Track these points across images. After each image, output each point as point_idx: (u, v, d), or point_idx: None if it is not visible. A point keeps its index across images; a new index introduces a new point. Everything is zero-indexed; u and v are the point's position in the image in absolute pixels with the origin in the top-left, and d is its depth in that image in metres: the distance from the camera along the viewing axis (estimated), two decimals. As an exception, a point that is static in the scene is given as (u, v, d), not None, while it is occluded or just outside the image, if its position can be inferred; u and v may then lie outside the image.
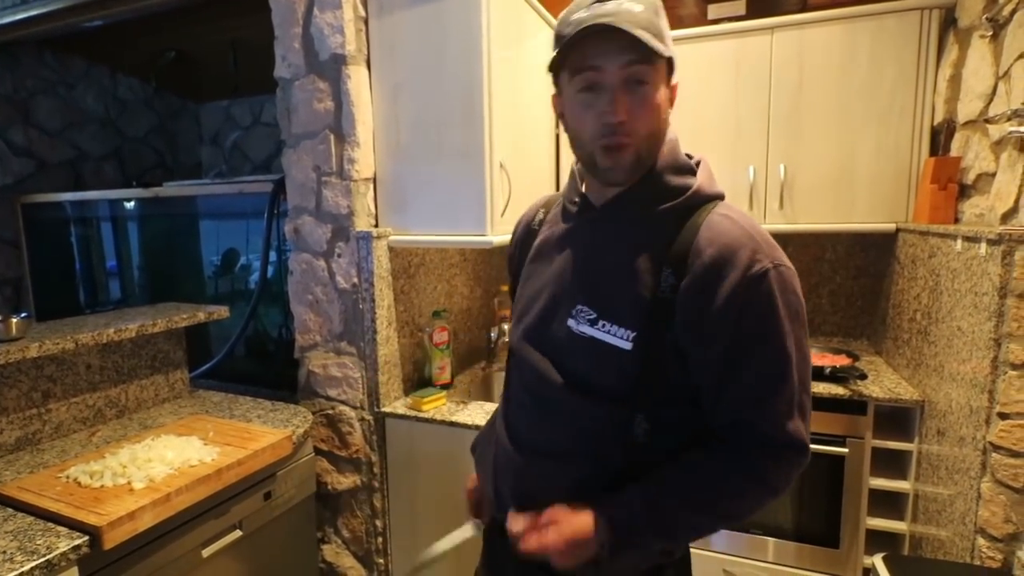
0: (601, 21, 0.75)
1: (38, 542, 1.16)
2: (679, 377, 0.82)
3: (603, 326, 0.83)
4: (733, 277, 0.77)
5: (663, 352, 0.80)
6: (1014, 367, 1.31)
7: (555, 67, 0.84)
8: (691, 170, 0.87)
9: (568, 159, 2.22)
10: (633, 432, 0.83)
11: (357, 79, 1.84)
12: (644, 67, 0.77)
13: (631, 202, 0.86)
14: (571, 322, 0.86)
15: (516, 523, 0.87)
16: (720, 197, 0.86)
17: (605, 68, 0.77)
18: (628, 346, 0.81)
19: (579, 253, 0.90)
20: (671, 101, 0.84)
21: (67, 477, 1.39)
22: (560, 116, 0.89)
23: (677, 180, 0.84)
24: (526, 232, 1.06)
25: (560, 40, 0.81)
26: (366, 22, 1.87)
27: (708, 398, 0.82)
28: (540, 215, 1.04)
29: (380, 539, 2.01)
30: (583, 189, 0.93)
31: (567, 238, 0.93)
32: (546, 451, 0.90)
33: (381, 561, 2.03)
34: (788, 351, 0.79)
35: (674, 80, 0.84)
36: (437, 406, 1.90)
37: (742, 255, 0.77)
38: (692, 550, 2.21)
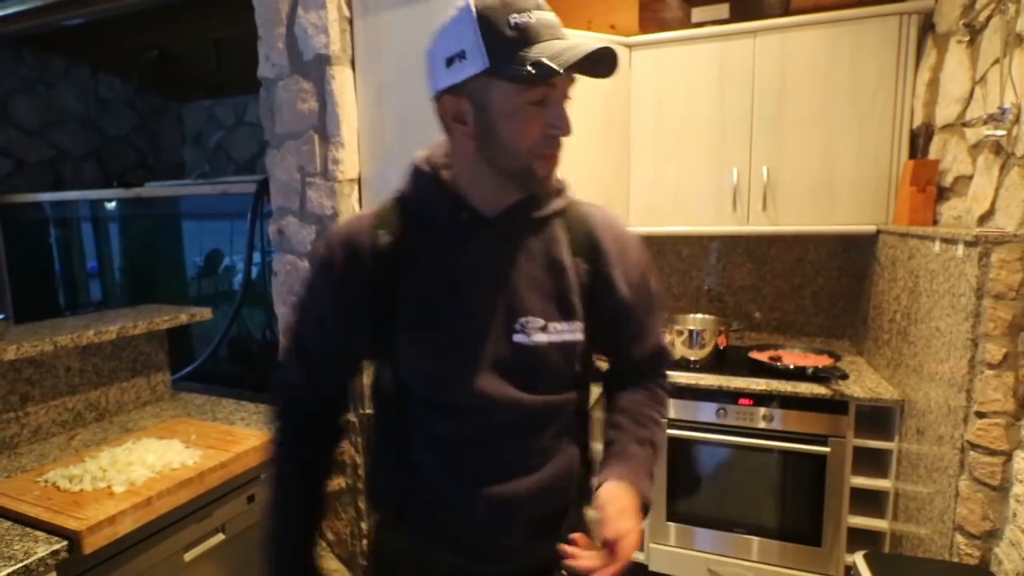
0: (593, 45, 0.73)
1: (16, 547, 1.14)
2: (604, 342, 0.97)
3: (555, 328, 0.86)
4: (631, 245, 0.95)
5: (598, 330, 0.91)
6: (991, 367, 1.34)
7: (499, 74, 0.75)
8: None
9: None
10: (581, 408, 0.96)
11: (341, 79, 1.83)
12: (573, 87, 0.80)
13: (526, 207, 0.86)
14: (519, 337, 0.84)
15: (589, 559, 0.79)
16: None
17: (559, 86, 0.78)
18: (581, 336, 0.88)
19: (499, 270, 0.85)
20: None
21: (46, 481, 1.37)
22: (454, 119, 0.80)
23: (559, 184, 0.92)
24: (373, 261, 0.86)
25: (509, 44, 0.73)
26: (351, 22, 1.86)
27: (636, 339, 0.97)
28: (384, 238, 0.86)
29: (365, 541, 2.00)
30: (468, 200, 0.85)
31: (470, 258, 0.85)
32: (526, 471, 0.87)
33: (365, 563, 2.02)
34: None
35: None
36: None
37: (632, 236, 0.96)
38: (677, 549, 2.23)
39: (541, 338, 0.85)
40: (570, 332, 0.87)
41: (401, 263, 0.85)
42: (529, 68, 0.72)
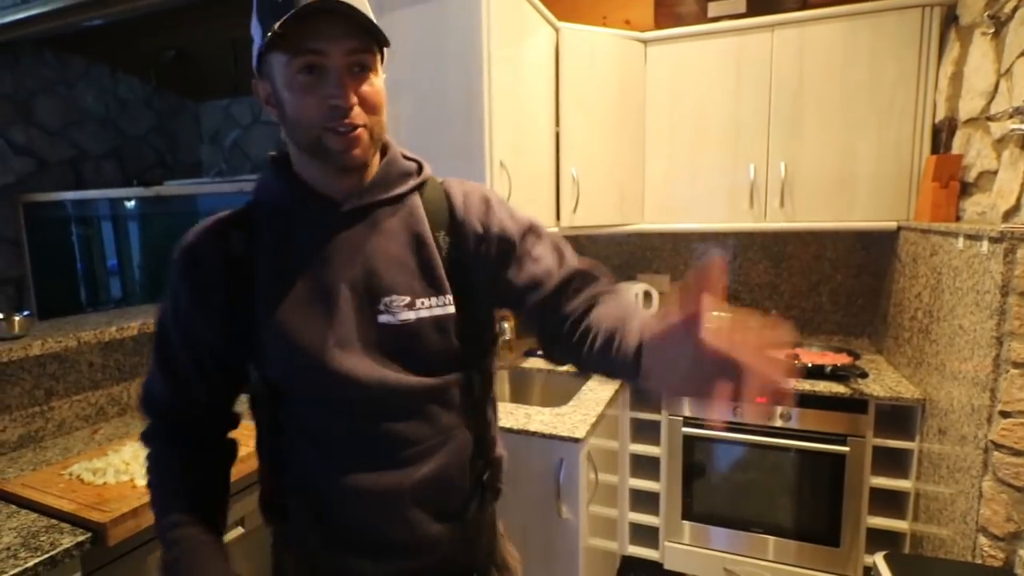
0: (330, 3, 0.71)
1: (42, 539, 1.16)
2: (487, 319, 0.91)
3: (422, 303, 0.82)
4: (474, 199, 0.89)
5: (472, 303, 0.86)
6: (1016, 365, 1.31)
7: (269, 44, 0.73)
8: (411, 156, 0.91)
9: (570, 158, 2.22)
10: (474, 390, 0.89)
11: (358, 77, 1.84)
12: (367, 54, 0.77)
13: (377, 187, 0.84)
14: (385, 317, 0.81)
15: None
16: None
17: (329, 52, 0.73)
18: (452, 309, 0.84)
19: (352, 251, 0.82)
20: (384, 92, 0.83)
21: (70, 474, 1.39)
22: (267, 102, 0.81)
23: (406, 163, 0.89)
24: (226, 264, 0.83)
25: (270, 11, 0.73)
26: (367, 20, 1.87)
27: (531, 276, 0.85)
28: (237, 238, 0.84)
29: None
30: (314, 186, 0.83)
31: (323, 244, 0.82)
32: (426, 454, 0.84)
33: None
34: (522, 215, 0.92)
35: (383, 73, 0.82)
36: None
37: (477, 189, 0.91)
38: (692, 547, 2.21)
39: (408, 315, 0.81)
40: (440, 306, 0.83)
41: (256, 259, 0.83)
42: (275, 29, 0.71)
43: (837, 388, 1.90)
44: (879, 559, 1.43)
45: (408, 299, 0.82)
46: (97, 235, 3.23)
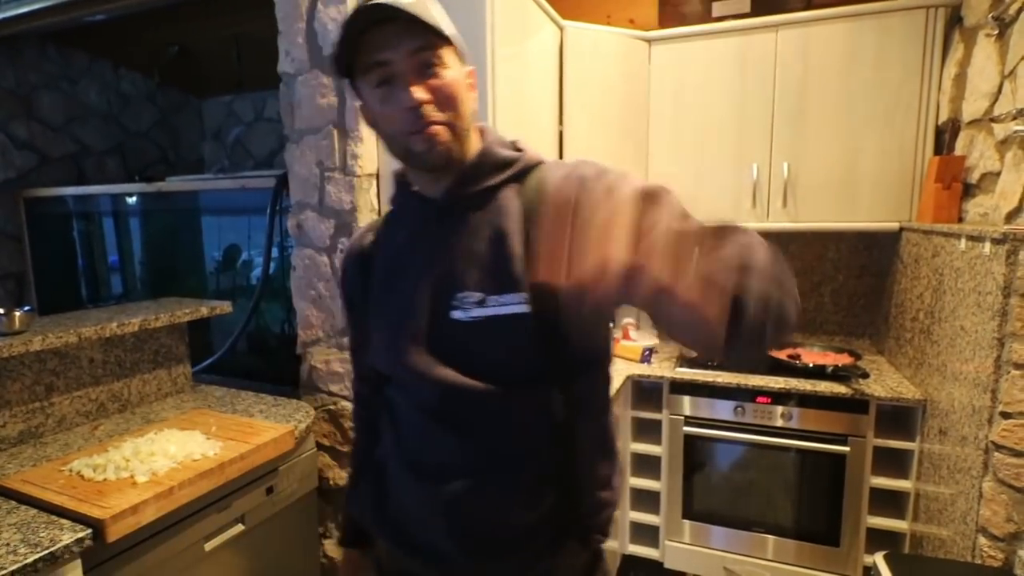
0: (374, 1, 0.72)
1: (41, 535, 1.17)
2: (580, 334, 0.82)
3: (493, 301, 0.79)
4: (585, 180, 0.78)
5: (556, 305, 0.74)
6: (1017, 367, 1.31)
7: (349, 73, 0.80)
8: (514, 145, 0.88)
9: (574, 157, 2.22)
10: (552, 411, 0.81)
11: (361, 74, 1.84)
12: (430, 52, 0.76)
13: (469, 181, 0.83)
14: (457, 313, 0.80)
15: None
16: (543, 159, 0.87)
17: (392, 59, 0.75)
18: (526, 308, 0.77)
19: (436, 248, 0.84)
20: (473, 87, 0.83)
21: (70, 470, 1.40)
22: (373, 125, 0.84)
23: (506, 152, 0.85)
24: (360, 261, 0.95)
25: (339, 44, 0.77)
26: (370, 17, 1.87)
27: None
28: (368, 239, 0.95)
29: (381, 534, 2.02)
30: (414, 187, 0.87)
31: (416, 242, 0.87)
32: (471, 469, 0.81)
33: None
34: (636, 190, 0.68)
35: (468, 66, 0.83)
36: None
37: (578, 169, 0.81)
38: (692, 547, 2.22)
39: (478, 312, 0.79)
40: (511, 304, 0.78)
41: (374, 259, 0.93)
42: (338, 54, 0.78)
43: (838, 388, 1.89)
44: (879, 559, 1.43)
45: (480, 295, 0.80)
46: (98, 231, 3.22)
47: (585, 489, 0.85)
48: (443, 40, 0.77)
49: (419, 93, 0.75)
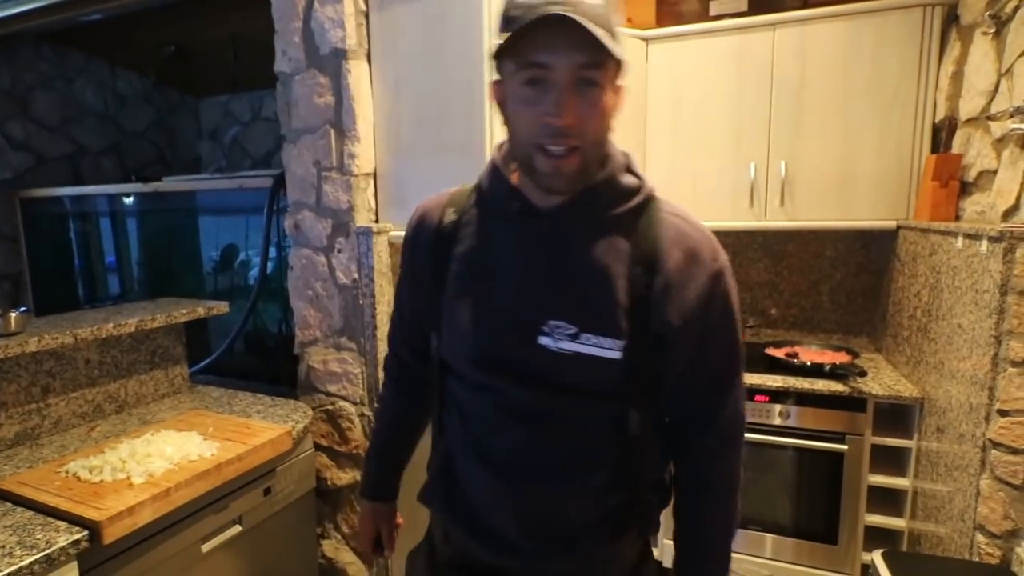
0: (555, 10, 0.67)
1: (37, 536, 1.16)
2: (660, 369, 0.85)
3: (587, 339, 0.79)
4: (701, 275, 0.81)
5: (648, 352, 0.81)
6: (1014, 364, 1.31)
7: (499, 53, 0.75)
8: (634, 170, 0.85)
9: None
10: (628, 426, 0.84)
11: (358, 73, 1.84)
12: (596, 70, 0.72)
13: (586, 206, 0.80)
14: (545, 340, 0.79)
15: None
16: (653, 192, 0.87)
17: (554, 66, 0.70)
18: (618, 355, 0.79)
19: (536, 264, 0.82)
20: (620, 106, 0.79)
21: (66, 472, 1.39)
22: (499, 105, 0.80)
23: (628, 180, 0.83)
24: (436, 238, 0.90)
25: (508, 23, 0.72)
26: (367, 16, 1.87)
27: (677, 387, 0.86)
28: (449, 216, 0.89)
29: (379, 535, 2.01)
30: (522, 190, 0.83)
31: (511, 247, 0.84)
32: (543, 469, 0.84)
33: (381, 558, 2.03)
34: (740, 342, 0.87)
35: (622, 82, 0.78)
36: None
37: (705, 255, 0.81)
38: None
39: (568, 346, 0.79)
40: (604, 349, 0.78)
41: (457, 240, 0.88)
42: (502, 41, 0.72)
43: (836, 386, 1.89)
44: (877, 556, 1.43)
45: (574, 330, 0.79)
46: (95, 231, 3.21)
47: (646, 491, 0.90)
48: (612, 59, 0.72)
49: (568, 117, 0.71)
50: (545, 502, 0.85)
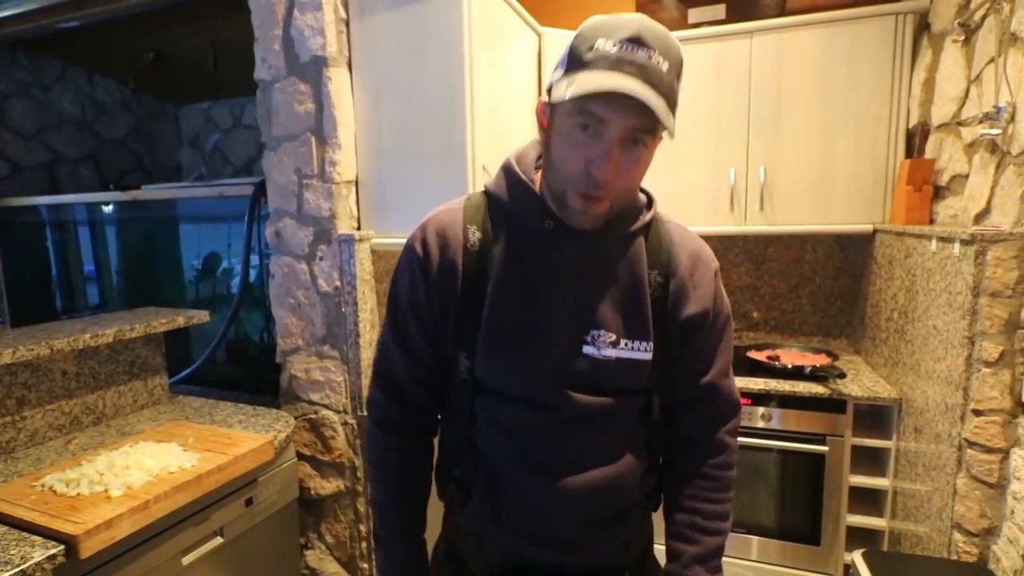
0: (624, 89, 0.72)
1: (12, 552, 1.14)
2: (676, 358, 0.94)
3: (625, 345, 0.87)
4: (707, 273, 0.94)
5: (668, 346, 0.92)
6: (987, 364, 1.34)
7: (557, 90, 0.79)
8: (644, 189, 0.94)
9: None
10: (652, 411, 0.95)
11: (338, 81, 1.83)
12: (647, 135, 0.78)
13: (615, 225, 0.88)
14: (589, 348, 0.87)
15: None
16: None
17: (611, 123, 0.75)
18: (649, 356, 0.89)
19: (574, 279, 0.87)
20: (653, 156, 0.85)
21: (42, 485, 1.37)
22: (542, 127, 0.85)
23: (641, 198, 0.93)
24: (465, 257, 0.89)
25: (577, 66, 0.76)
26: (347, 24, 1.87)
27: (687, 371, 0.95)
28: (474, 235, 0.89)
29: (364, 544, 2.00)
30: (551, 207, 0.86)
31: (550, 263, 0.87)
32: (598, 466, 0.91)
33: (365, 566, 2.02)
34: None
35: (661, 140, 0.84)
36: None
37: (706, 256, 0.95)
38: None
39: (610, 353, 0.87)
40: (640, 351, 0.88)
41: (489, 260, 0.88)
42: (564, 87, 0.75)
43: (816, 389, 1.92)
44: (858, 556, 1.45)
45: (614, 337, 0.87)
46: (73, 240, 3.16)
47: (661, 469, 1.02)
48: (662, 127, 0.77)
49: (611, 172, 0.77)
50: (601, 497, 0.91)
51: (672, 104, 0.77)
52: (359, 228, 1.95)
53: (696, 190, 2.28)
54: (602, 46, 0.74)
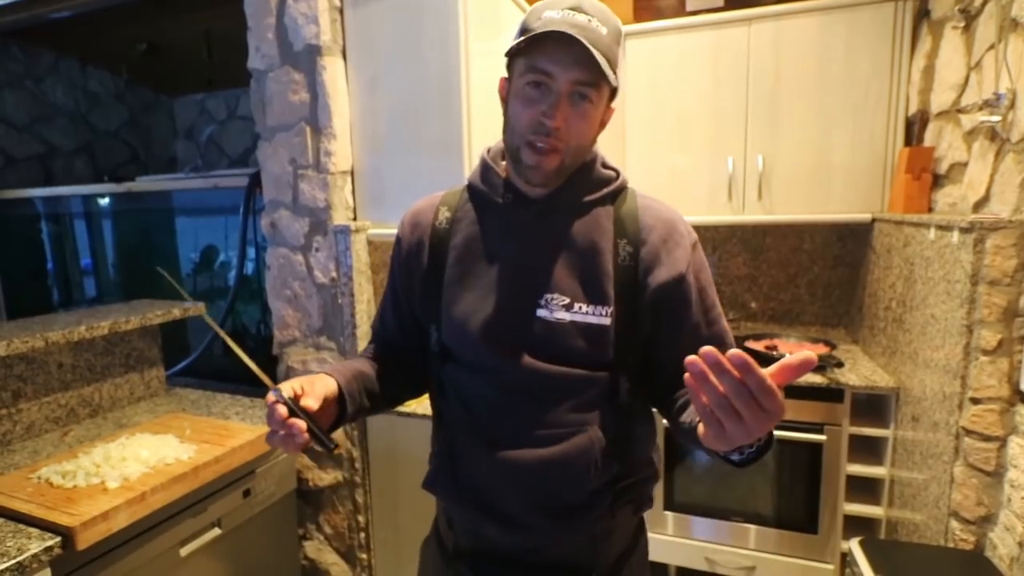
0: (568, 31, 0.79)
1: (8, 544, 1.14)
2: (647, 335, 0.92)
3: (579, 308, 0.87)
4: (684, 243, 0.91)
5: (637, 318, 0.90)
6: (985, 353, 1.34)
7: (512, 53, 0.87)
8: (609, 165, 0.96)
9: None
10: (619, 394, 0.91)
11: (333, 70, 1.82)
12: (591, 88, 0.83)
13: (569, 192, 0.91)
14: (542, 312, 0.88)
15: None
16: (627, 183, 0.98)
17: (556, 76, 0.82)
18: (608, 321, 0.87)
19: (529, 244, 0.91)
20: (604, 123, 0.91)
21: (39, 478, 1.36)
22: (503, 101, 0.91)
23: (604, 172, 0.95)
24: (432, 234, 0.97)
25: (525, 31, 0.84)
26: (341, 12, 1.84)
27: (675, 346, 0.88)
28: (443, 214, 0.97)
29: (363, 534, 2.00)
30: (513, 181, 0.92)
31: (506, 232, 0.92)
32: (545, 442, 0.88)
33: (364, 556, 2.02)
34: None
35: (613, 105, 0.91)
36: (418, 400, 1.89)
37: (681, 228, 0.93)
38: (674, 538, 2.23)
39: (563, 316, 0.87)
40: (595, 316, 0.88)
41: (453, 234, 0.95)
42: (517, 44, 0.83)
43: (814, 378, 1.92)
44: (854, 545, 1.45)
45: (567, 300, 0.88)
46: (69, 233, 3.15)
47: (637, 465, 0.96)
48: (606, 82, 0.83)
49: (558, 120, 0.83)
50: (548, 476, 0.89)
51: (612, 64, 0.83)
52: (355, 219, 1.94)
53: (694, 179, 2.27)
54: (548, 15, 0.82)
